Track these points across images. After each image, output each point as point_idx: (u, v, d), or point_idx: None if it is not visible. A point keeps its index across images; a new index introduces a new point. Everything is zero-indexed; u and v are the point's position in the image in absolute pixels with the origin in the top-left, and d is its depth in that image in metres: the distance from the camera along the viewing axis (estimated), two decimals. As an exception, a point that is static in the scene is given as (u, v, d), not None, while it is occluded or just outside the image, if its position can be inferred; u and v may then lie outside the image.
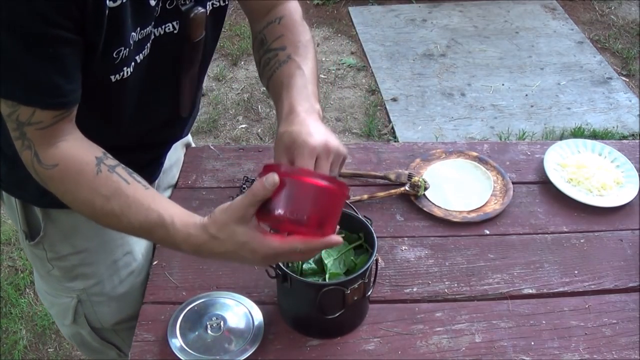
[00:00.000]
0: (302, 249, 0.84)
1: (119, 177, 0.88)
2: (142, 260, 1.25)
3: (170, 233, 0.87)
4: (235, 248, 0.84)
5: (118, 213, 0.87)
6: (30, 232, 1.18)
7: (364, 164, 1.43)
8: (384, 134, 3.06)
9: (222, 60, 3.54)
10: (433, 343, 1.06)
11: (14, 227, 2.50)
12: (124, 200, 0.87)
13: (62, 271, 1.21)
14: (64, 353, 2.13)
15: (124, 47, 0.88)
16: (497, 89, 3.32)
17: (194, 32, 1.00)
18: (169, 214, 0.87)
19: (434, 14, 3.96)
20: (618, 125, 3.06)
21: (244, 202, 0.82)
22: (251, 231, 0.83)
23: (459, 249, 1.23)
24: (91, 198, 0.88)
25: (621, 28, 3.85)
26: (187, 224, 0.86)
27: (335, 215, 0.87)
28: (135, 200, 0.87)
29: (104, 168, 0.88)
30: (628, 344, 1.06)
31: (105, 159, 0.90)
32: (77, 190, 0.89)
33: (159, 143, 1.21)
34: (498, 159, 1.44)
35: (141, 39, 0.92)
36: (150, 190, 0.90)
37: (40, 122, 0.85)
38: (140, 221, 0.87)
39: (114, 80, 0.92)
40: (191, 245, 0.87)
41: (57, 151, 0.87)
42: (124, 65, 0.91)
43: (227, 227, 0.83)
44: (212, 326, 1.05)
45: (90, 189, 0.88)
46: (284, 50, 1.03)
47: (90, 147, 0.91)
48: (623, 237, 1.26)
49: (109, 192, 0.87)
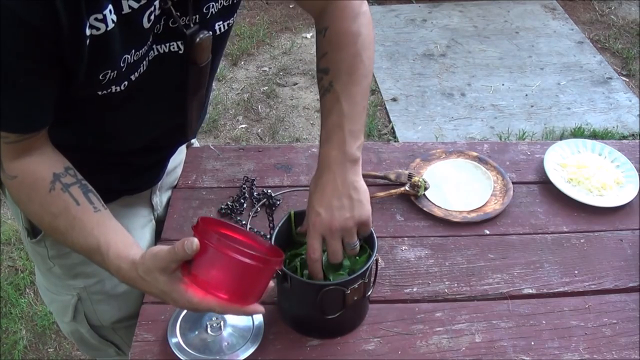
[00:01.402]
0: (219, 310, 0.86)
1: (69, 196, 0.90)
2: None
3: (105, 262, 0.89)
4: (159, 293, 0.86)
5: (63, 231, 0.90)
6: (32, 230, 1.18)
7: (364, 164, 1.41)
8: (384, 134, 3.06)
9: (222, 60, 3.54)
10: (433, 343, 1.06)
11: (14, 227, 2.50)
12: (70, 221, 0.89)
13: (63, 269, 1.21)
14: (64, 353, 2.13)
15: (111, 70, 0.87)
16: (497, 89, 3.32)
17: (200, 57, 0.98)
18: (106, 243, 0.88)
19: (434, 14, 3.96)
20: (618, 125, 3.06)
21: (167, 256, 0.83)
22: (172, 282, 0.85)
23: (459, 249, 1.23)
24: (41, 213, 0.91)
25: (621, 28, 3.85)
26: (120, 257, 0.88)
27: (258, 287, 0.88)
28: (79, 222, 0.89)
29: (58, 186, 0.90)
30: (628, 344, 1.06)
31: (64, 176, 0.91)
32: (30, 204, 0.92)
33: (164, 147, 1.21)
34: (498, 159, 1.44)
35: (136, 60, 0.90)
36: (98, 214, 0.91)
37: (7, 138, 0.87)
38: (81, 244, 0.90)
39: (101, 94, 0.91)
40: (123, 278, 0.89)
41: (18, 164, 0.89)
42: (112, 84, 0.90)
43: (151, 273, 0.85)
44: (212, 326, 1.05)
45: (40, 205, 0.90)
46: (327, 74, 0.99)
47: (52, 163, 0.92)
48: (623, 237, 1.26)
49: (57, 210, 0.89)
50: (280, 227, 1.06)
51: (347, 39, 1.00)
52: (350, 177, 0.95)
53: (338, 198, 0.94)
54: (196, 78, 1.02)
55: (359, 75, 0.98)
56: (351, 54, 0.99)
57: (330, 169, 0.95)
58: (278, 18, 3.94)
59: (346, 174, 0.94)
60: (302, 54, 3.64)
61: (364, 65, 0.99)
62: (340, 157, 0.94)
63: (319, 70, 1.02)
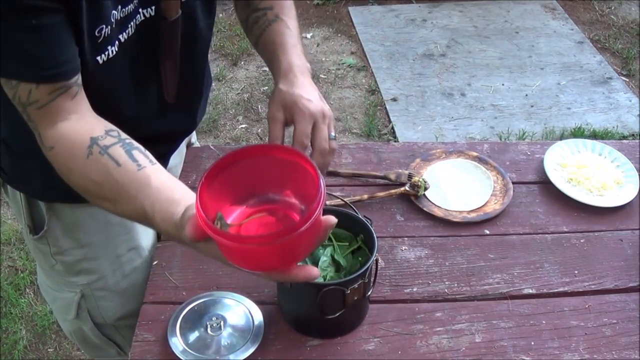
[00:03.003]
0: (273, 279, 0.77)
1: (109, 159, 0.83)
2: (147, 256, 1.25)
3: (154, 226, 0.82)
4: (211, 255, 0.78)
5: (112, 201, 0.84)
6: (34, 227, 1.18)
7: (364, 164, 1.43)
8: (384, 134, 3.06)
9: (222, 60, 3.54)
10: (433, 343, 1.06)
11: (14, 227, 2.51)
12: (114, 188, 0.83)
13: (66, 266, 1.21)
14: (64, 353, 2.13)
15: (105, 25, 0.87)
16: (497, 89, 3.32)
17: (169, 11, 0.99)
18: (151, 207, 0.81)
19: (434, 14, 3.96)
20: (618, 125, 3.06)
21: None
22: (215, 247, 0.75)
23: (459, 249, 1.23)
24: (84, 184, 0.85)
25: (621, 28, 3.85)
26: (165, 221, 0.80)
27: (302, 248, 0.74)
28: (123, 188, 0.82)
29: (96, 150, 0.84)
30: (628, 344, 1.06)
31: (103, 139, 0.85)
32: (70, 175, 0.86)
33: (162, 139, 1.19)
34: (498, 159, 1.44)
35: (123, 17, 0.91)
36: (141, 173, 0.83)
37: (38, 101, 0.84)
38: (130, 212, 0.84)
39: (102, 62, 0.91)
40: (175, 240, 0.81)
41: (54, 132, 0.85)
42: (108, 44, 0.90)
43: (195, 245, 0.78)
44: (212, 326, 1.05)
45: (80, 175, 0.85)
46: (271, 10, 1.13)
47: (91, 127, 0.87)
48: (623, 237, 1.26)
49: (99, 177, 0.83)
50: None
51: None
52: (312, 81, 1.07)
53: (315, 93, 1.04)
54: (167, 34, 1.02)
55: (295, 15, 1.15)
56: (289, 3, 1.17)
57: (302, 74, 1.06)
58: (278, 18, 3.94)
59: (310, 79, 1.06)
60: (302, 54, 3.64)
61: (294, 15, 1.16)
62: (302, 66, 1.07)
63: (261, 8, 1.14)
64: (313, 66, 3.54)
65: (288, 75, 1.04)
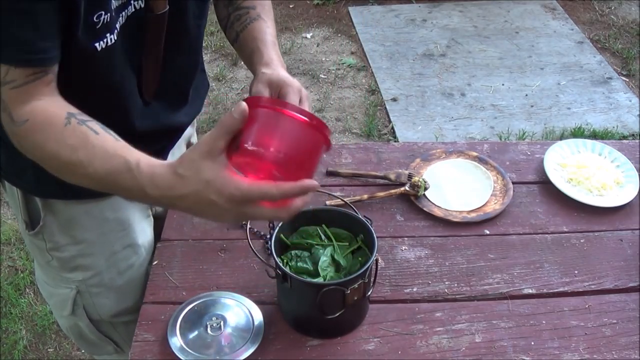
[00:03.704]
0: (274, 194, 0.77)
1: (87, 128, 0.85)
2: (143, 254, 1.25)
3: (135, 177, 0.82)
4: (200, 187, 0.78)
5: (85, 163, 0.84)
6: (30, 222, 1.18)
7: (364, 164, 1.43)
8: (384, 134, 3.06)
9: (222, 60, 3.54)
10: (433, 343, 1.06)
11: (14, 227, 2.51)
12: (90, 150, 0.84)
13: (61, 262, 1.21)
14: (64, 353, 2.13)
15: (104, 11, 0.87)
16: (497, 89, 3.32)
17: (157, 5, 0.99)
18: (135, 158, 0.82)
19: (434, 14, 3.96)
20: (618, 125, 3.06)
21: (212, 134, 0.77)
22: (218, 167, 0.77)
23: (459, 249, 1.23)
24: (57, 149, 0.85)
25: (621, 28, 3.85)
26: (152, 165, 0.82)
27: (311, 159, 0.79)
28: (101, 149, 0.84)
29: (74, 121, 0.85)
30: (628, 344, 1.06)
31: (79, 114, 0.87)
32: (45, 142, 0.86)
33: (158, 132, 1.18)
34: (498, 159, 1.44)
35: (118, 6, 0.92)
36: (121, 142, 0.86)
37: (14, 81, 0.84)
38: (106, 169, 0.83)
39: (100, 49, 0.91)
40: (156, 188, 0.81)
41: (28, 108, 0.86)
42: (107, 31, 0.90)
43: (192, 163, 0.78)
44: (212, 326, 1.05)
45: (56, 140, 0.85)
46: (254, 9, 1.18)
47: (64, 105, 0.88)
48: (623, 237, 1.26)
49: (76, 142, 0.84)
50: (280, 227, 1.06)
51: None
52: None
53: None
54: (152, 28, 1.01)
55: (273, 18, 1.21)
56: (269, 3, 1.22)
57: (282, 68, 1.10)
58: (278, 18, 3.94)
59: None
60: (302, 54, 3.64)
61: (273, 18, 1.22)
62: (283, 63, 1.12)
63: (244, 7, 1.19)
64: (313, 66, 3.54)
65: (270, 65, 1.08)
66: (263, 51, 1.11)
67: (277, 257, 1.01)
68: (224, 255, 1.20)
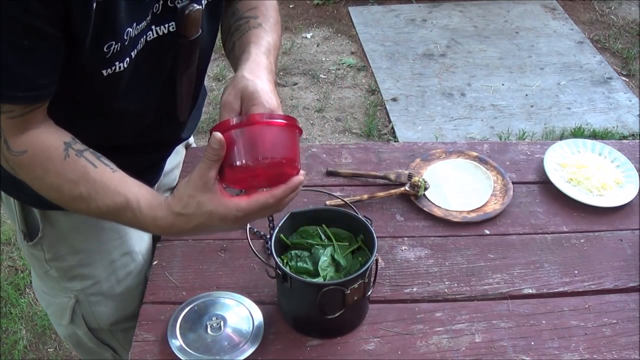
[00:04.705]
0: (271, 203, 0.85)
1: (86, 161, 0.88)
2: (141, 261, 1.25)
3: (137, 216, 0.87)
4: (203, 220, 0.85)
5: (86, 197, 0.88)
6: (28, 233, 1.18)
7: (364, 164, 1.43)
8: (384, 134, 3.06)
9: (222, 60, 3.54)
10: (433, 343, 1.06)
11: (14, 228, 2.51)
12: (91, 185, 0.87)
13: (60, 272, 1.21)
14: (64, 353, 2.13)
15: (115, 41, 0.87)
16: (497, 89, 3.32)
17: (190, 30, 0.99)
18: (135, 197, 0.87)
19: (434, 14, 3.96)
20: (618, 125, 3.06)
21: (202, 168, 0.83)
22: (216, 197, 0.84)
23: (459, 249, 1.23)
24: (59, 183, 0.88)
25: (621, 28, 3.85)
26: (152, 207, 0.87)
27: (294, 147, 0.88)
28: (102, 184, 0.87)
29: (72, 152, 0.88)
30: (628, 344, 1.06)
31: (74, 143, 0.89)
32: (46, 176, 0.89)
33: (159, 144, 1.20)
34: (498, 159, 1.44)
35: (137, 34, 0.91)
36: (117, 173, 0.90)
37: (12, 112, 0.85)
38: (108, 205, 0.88)
39: (106, 75, 0.91)
40: (159, 228, 0.88)
41: (26, 138, 0.87)
42: (117, 60, 0.90)
43: (191, 199, 0.84)
44: (212, 326, 1.05)
45: (58, 174, 0.88)
46: (256, 19, 1.12)
47: (59, 133, 0.91)
48: (623, 237, 1.26)
49: (76, 176, 0.87)
50: (280, 227, 1.06)
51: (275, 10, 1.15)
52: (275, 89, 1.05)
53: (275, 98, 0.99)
54: (186, 52, 1.03)
55: (280, 35, 1.13)
56: (276, 19, 1.14)
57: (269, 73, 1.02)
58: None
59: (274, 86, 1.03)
60: (302, 54, 3.64)
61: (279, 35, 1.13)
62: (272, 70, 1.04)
63: (246, 17, 1.12)
64: (313, 66, 3.54)
65: (252, 67, 0.99)
66: (252, 51, 1.03)
67: (277, 257, 1.01)
68: (224, 255, 1.20)
